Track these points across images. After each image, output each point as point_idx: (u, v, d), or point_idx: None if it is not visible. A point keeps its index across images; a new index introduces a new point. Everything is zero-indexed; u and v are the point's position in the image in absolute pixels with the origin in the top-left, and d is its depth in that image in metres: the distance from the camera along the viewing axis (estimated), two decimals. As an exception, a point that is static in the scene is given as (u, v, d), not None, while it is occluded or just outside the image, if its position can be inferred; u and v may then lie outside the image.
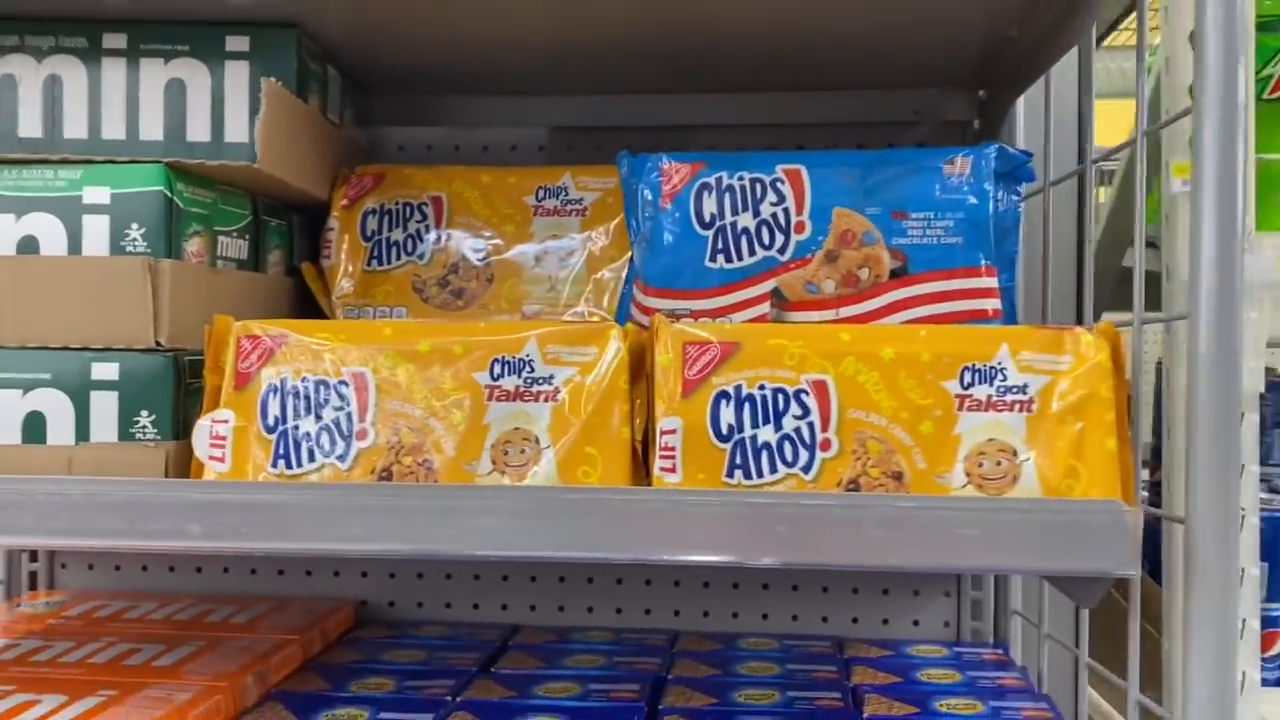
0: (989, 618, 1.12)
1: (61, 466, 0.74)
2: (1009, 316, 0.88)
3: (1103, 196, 1.79)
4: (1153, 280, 1.04)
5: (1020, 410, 0.70)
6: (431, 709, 0.88)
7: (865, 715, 0.87)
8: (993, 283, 0.86)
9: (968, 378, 0.70)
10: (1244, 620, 1.02)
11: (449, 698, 0.90)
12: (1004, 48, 0.97)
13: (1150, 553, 1.28)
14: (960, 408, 0.70)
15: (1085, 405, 0.69)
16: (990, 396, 0.70)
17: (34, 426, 0.75)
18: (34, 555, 1.20)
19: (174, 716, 0.80)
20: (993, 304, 0.86)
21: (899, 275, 0.86)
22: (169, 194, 0.77)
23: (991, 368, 0.70)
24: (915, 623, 1.14)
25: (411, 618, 1.18)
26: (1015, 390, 0.70)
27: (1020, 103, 1.04)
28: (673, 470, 0.71)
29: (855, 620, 1.14)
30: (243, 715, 0.87)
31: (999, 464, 0.69)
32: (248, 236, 0.89)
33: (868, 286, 0.87)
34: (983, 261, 0.86)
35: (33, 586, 1.20)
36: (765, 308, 0.86)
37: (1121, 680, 0.80)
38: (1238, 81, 0.65)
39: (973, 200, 0.87)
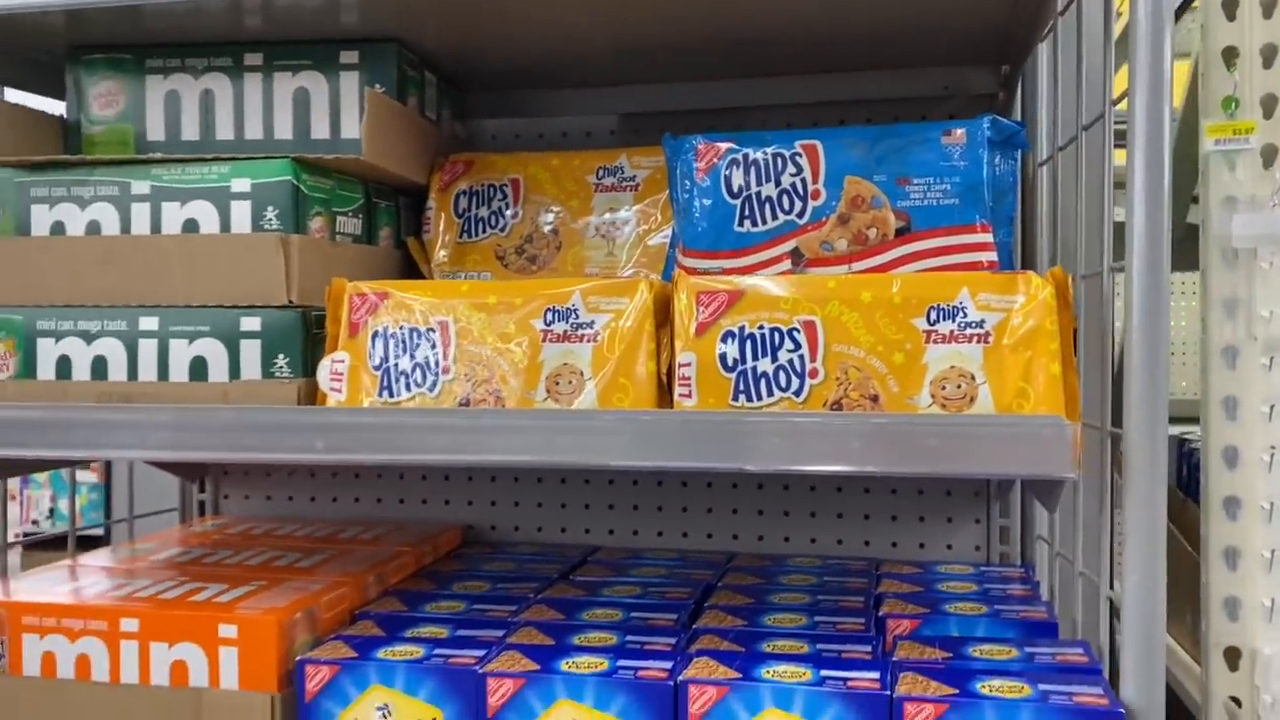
0: (1016, 543, 1.24)
1: (219, 398, 0.95)
2: (1005, 269, 1.00)
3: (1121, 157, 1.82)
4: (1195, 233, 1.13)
5: (978, 342, 0.83)
6: (516, 603, 1.06)
7: (881, 613, 1.01)
8: (988, 238, 0.99)
9: (933, 316, 0.84)
10: (1273, 551, 1.11)
11: (531, 595, 1.09)
12: (1022, 26, 1.08)
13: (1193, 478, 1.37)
14: (927, 341, 0.84)
15: (1034, 337, 0.82)
16: (953, 331, 0.83)
17: (198, 368, 0.96)
18: (202, 486, 1.44)
19: (310, 600, 1.00)
20: (988, 257, 0.99)
21: (903, 234, 1.00)
22: (296, 183, 0.97)
23: (954, 307, 0.83)
24: (949, 546, 1.27)
25: (508, 539, 1.38)
26: (974, 325, 0.83)
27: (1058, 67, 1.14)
28: (689, 396, 0.87)
29: (894, 545, 1.28)
30: (365, 605, 1.07)
31: (959, 387, 0.83)
32: (361, 216, 1.09)
33: (876, 244, 1.00)
34: (978, 220, 0.99)
35: (201, 513, 1.45)
36: (786, 265, 1.01)
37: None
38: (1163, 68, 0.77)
39: (969, 166, 0.99)
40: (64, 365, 0.98)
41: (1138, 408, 0.78)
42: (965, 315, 0.83)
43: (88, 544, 1.41)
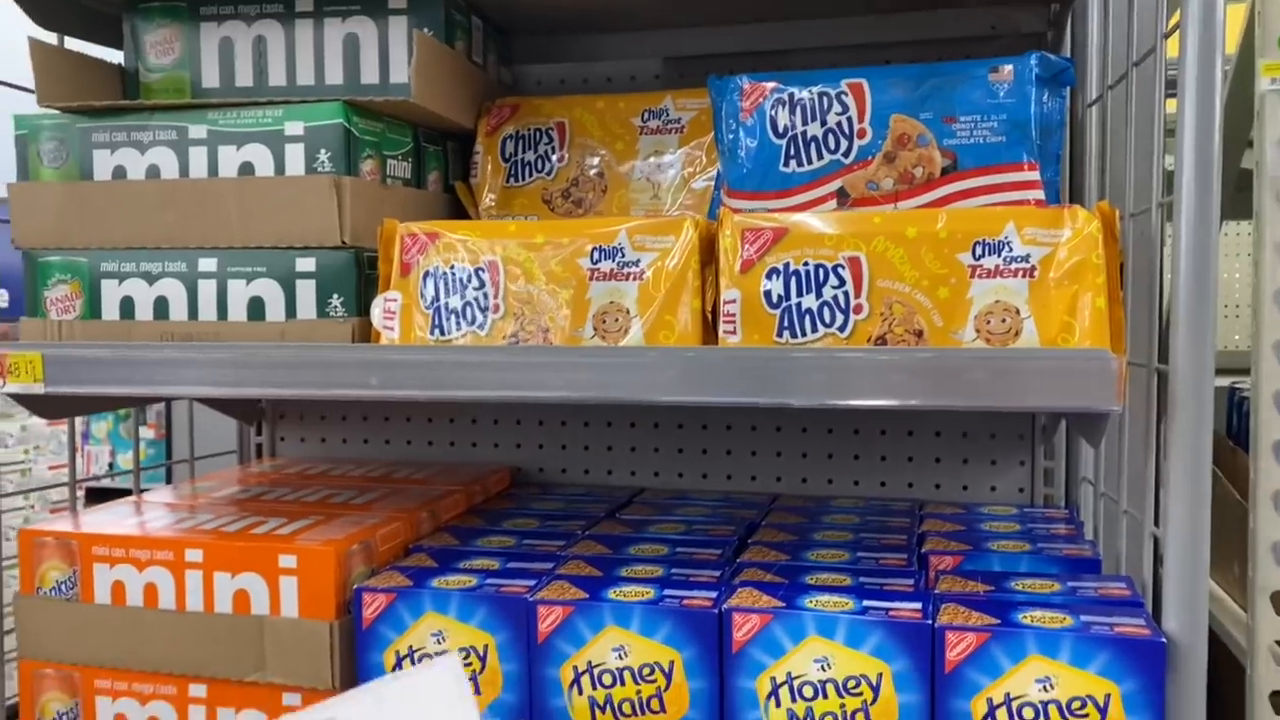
0: (1061, 485, 1.25)
1: (276, 337, 0.98)
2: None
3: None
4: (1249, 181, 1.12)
5: (1023, 276, 0.83)
6: (564, 539, 1.09)
7: (923, 550, 1.03)
8: (1035, 176, 0.98)
9: (979, 250, 0.84)
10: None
11: (579, 532, 1.11)
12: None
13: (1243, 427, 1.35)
14: (972, 276, 0.84)
15: (1080, 271, 0.82)
16: (998, 265, 0.83)
17: (255, 307, 0.99)
18: (259, 430, 1.48)
19: (365, 533, 1.03)
20: (1035, 195, 0.98)
21: (949, 172, 0.99)
22: (347, 125, 0.99)
23: (999, 242, 0.84)
24: (992, 488, 1.27)
25: (556, 481, 1.40)
26: (1019, 260, 0.83)
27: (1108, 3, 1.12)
28: (734, 333, 0.88)
29: (938, 486, 1.29)
30: (419, 539, 1.10)
31: (1004, 321, 0.83)
32: (410, 160, 1.11)
33: (921, 183, 1.00)
34: (1025, 158, 0.98)
35: (258, 455, 1.49)
36: (832, 205, 1.01)
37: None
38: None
39: (1016, 103, 0.98)
40: (127, 306, 1.02)
41: (1184, 341, 0.78)
42: (1011, 250, 0.83)
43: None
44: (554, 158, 1.15)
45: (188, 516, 1.09)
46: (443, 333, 0.94)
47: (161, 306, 1.01)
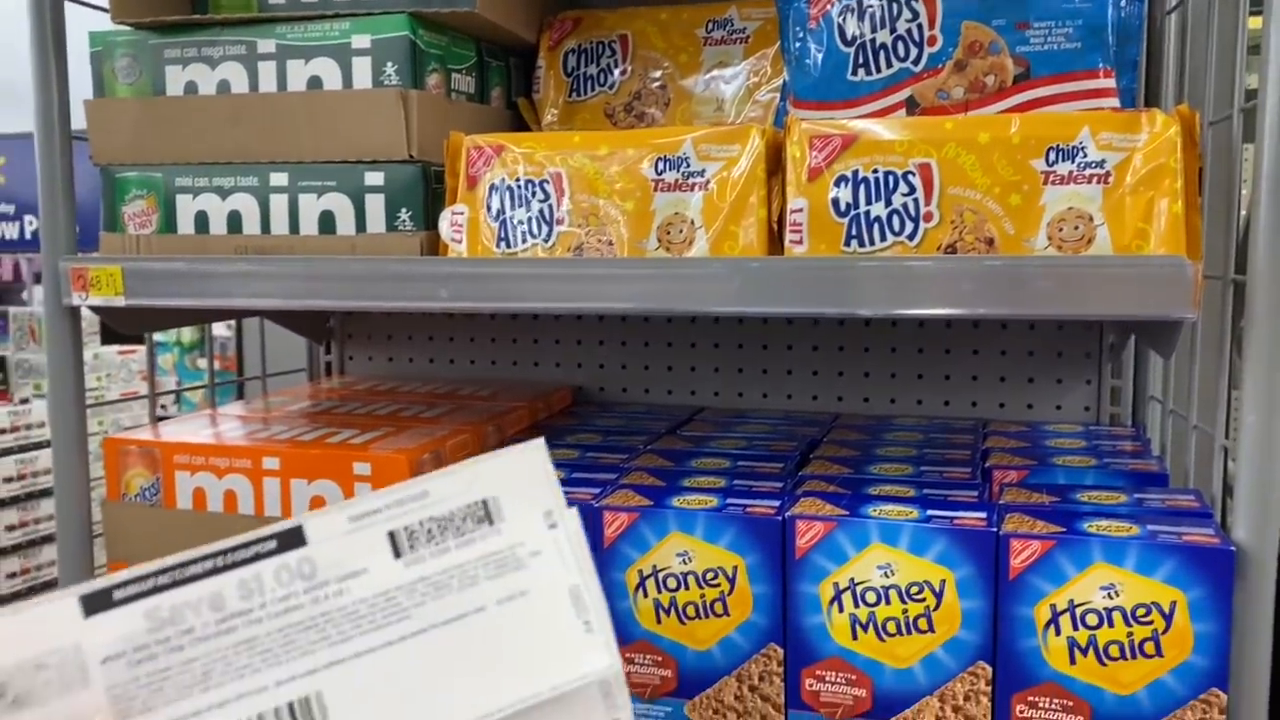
0: (1128, 404, 1.23)
1: (347, 250, 0.99)
2: (1128, 115, 0.97)
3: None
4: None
5: (1097, 182, 0.81)
6: (627, 452, 1.10)
7: (987, 465, 1.03)
8: (1111, 84, 0.96)
9: (1052, 156, 0.82)
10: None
11: (641, 446, 1.13)
12: None
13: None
14: (1045, 182, 0.82)
15: (1156, 176, 0.80)
16: (1072, 171, 0.82)
17: (326, 221, 1.01)
18: (327, 348, 1.51)
19: (434, 444, 1.06)
20: (1111, 103, 0.96)
21: (1021, 80, 0.97)
22: (413, 38, 0.99)
23: (1073, 147, 0.82)
24: (1058, 408, 1.26)
25: (617, 399, 1.42)
26: (1094, 165, 0.81)
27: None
28: (800, 243, 0.88)
29: (1002, 406, 1.28)
30: (483, 453, 1.12)
31: (1077, 229, 0.82)
32: (474, 75, 1.11)
33: (993, 92, 0.98)
34: (1101, 64, 0.96)
35: (328, 373, 1.52)
36: (901, 115, 1.00)
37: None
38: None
39: (1092, 8, 0.96)
40: (201, 220, 1.04)
41: (1264, 250, 0.76)
42: (1085, 155, 0.82)
43: (224, 402, 1.50)
44: (616, 71, 1.15)
45: (262, 428, 1.13)
46: (508, 245, 0.95)
47: (235, 221, 1.03)
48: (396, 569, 0.41)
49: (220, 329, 3.14)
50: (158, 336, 3.61)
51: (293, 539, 0.41)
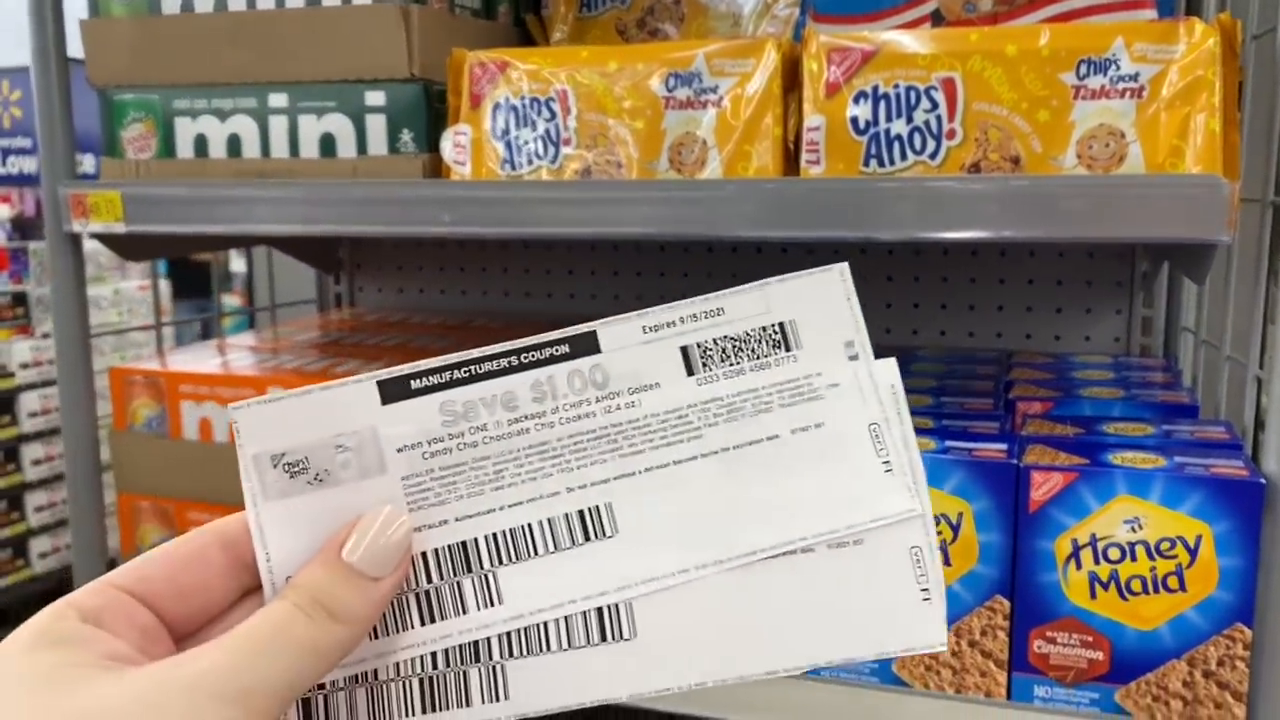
0: (1159, 335, 1.19)
1: (348, 173, 0.96)
2: (1166, 27, 0.92)
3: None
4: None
5: (1130, 97, 0.77)
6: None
7: (1011, 396, 0.99)
8: (1148, -6, 0.91)
9: (1083, 70, 0.78)
10: None
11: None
12: None
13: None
14: (1075, 97, 0.78)
15: (1193, 91, 0.76)
16: (1104, 85, 0.77)
17: (327, 143, 0.98)
18: (337, 279, 1.49)
19: (441, 374, 1.04)
20: (1148, 15, 0.91)
21: (1053, -9, 0.92)
22: (414, -48, 0.95)
23: (1106, 60, 0.77)
24: (1086, 338, 1.22)
25: (632, 330, 1.39)
26: (1127, 79, 0.77)
27: None
28: (817, 162, 0.84)
29: (1028, 336, 1.24)
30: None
31: (1107, 146, 0.78)
32: (480, -9, 1.07)
33: (1023, 4, 0.93)
34: (1139, -27, 0.90)
35: (338, 305, 1.50)
36: (927, 29, 0.95)
37: (1240, 357, 0.87)
38: None
39: (1131, -88, 0.90)
40: (200, 144, 1.01)
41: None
42: (1118, 68, 0.77)
43: (236, 334, 1.48)
44: (629, -14, 1.10)
45: (270, 358, 1.11)
46: (513, 167, 0.92)
47: (234, 144, 1.00)
48: (689, 386, 0.39)
49: (239, 264, 3.13)
50: (164, 269, 3.59)
51: (586, 344, 0.39)
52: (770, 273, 0.41)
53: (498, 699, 0.38)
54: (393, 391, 0.38)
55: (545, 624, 0.39)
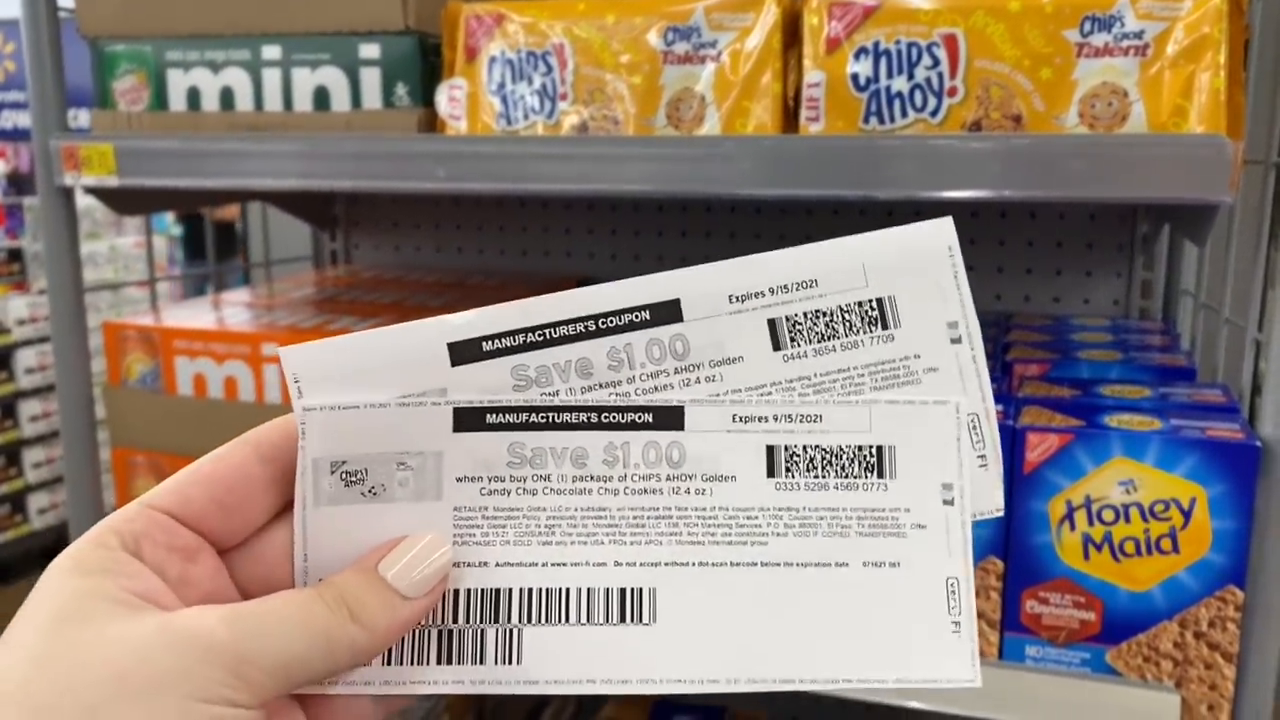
0: (1159, 298, 1.19)
1: (342, 127, 0.95)
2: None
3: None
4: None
5: (1134, 55, 0.76)
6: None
7: (1008, 358, 0.99)
8: (1156, -50, 0.89)
9: (1087, 27, 0.77)
10: None
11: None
12: None
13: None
14: (1079, 55, 0.77)
15: (1198, 48, 0.75)
16: (1107, 43, 0.76)
17: (321, 96, 0.96)
18: (333, 236, 1.48)
19: (437, 331, 1.03)
20: (1154, -29, 0.89)
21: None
22: (409, -100, 0.93)
23: (1111, 16, 0.76)
24: (1085, 301, 1.22)
25: (630, 290, 1.38)
26: (1132, 36, 0.76)
27: None
28: (817, 119, 0.83)
29: (1027, 299, 1.24)
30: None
31: (1110, 105, 0.77)
32: (477, -57, 1.05)
33: (1027, -41, 0.92)
34: (1146, -72, 0.89)
35: (333, 262, 1.49)
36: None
37: (1239, 320, 0.87)
38: None
39: None
40: (193, 97, 1.00)
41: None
42: (1123, 25, 0.76)
43: (231, 290, 1.47)
44: (628, -60, 1.08)
45: (264, 314, 1.10)
46: (509, 122, 0.91)
47: (227, 97, 0.99)
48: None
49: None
50: (176, 231, 3.58)
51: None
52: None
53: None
54: (467, 421, 0.37)
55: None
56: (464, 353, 0.37)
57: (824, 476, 0.37)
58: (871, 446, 0.37)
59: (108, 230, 3.26)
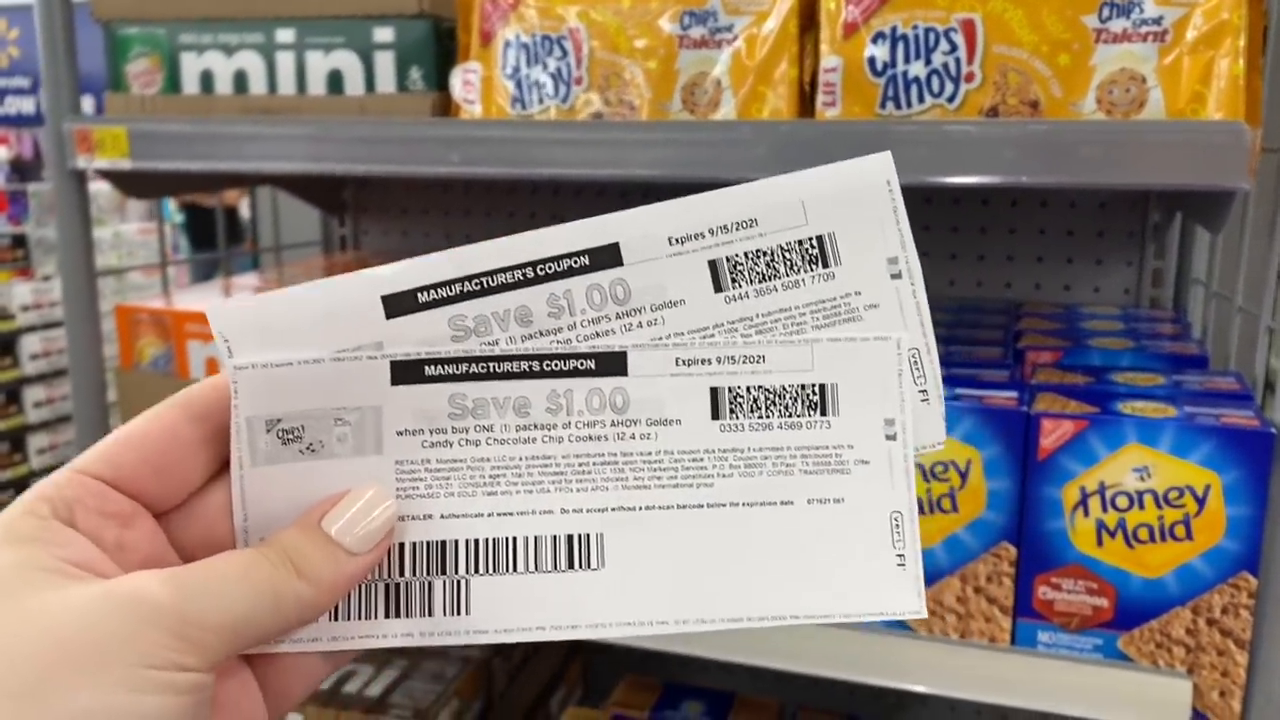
0: (1170, 286, 1.19)
1: (355, 111, 0.95)
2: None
3: None
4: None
5: (1153, 41, 0.76)
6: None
7: (1020, 345, 0.99)
8: (1173, -64, 0.89)
9: (1106, 12, 0.76)
10: None
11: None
12: None
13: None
14: (1097, 40, 0.77)
15: (1217, 34, 0.74)
16: (1126, 29, 0.76)
17: (335, 80, 0.96)
18: (342, 221, 1.48)
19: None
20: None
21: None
22: (424, -116, 0.93)
23: (1130, 2, 0.76)
24: (1096, 290, 1.22)
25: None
26: (1150, 22, 0.76)
27: None
28: (833, 104, 0.83)
29: (1038, 287, 1.24)
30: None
31: (1128, 91, 0.77)
32: (490, -73, 1.05)
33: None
34: (1164, -85, 0.88)
35: (342, 247, 1.49)
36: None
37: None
38: None
39: None
40: (206, 80, 1.00)
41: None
42: (1142, 11, 0.76)
43: (240, 276, 1.47)
44: (642, -75, 1.08)
45: (275, 298, 1.10)
46: (524, 107, 0.91)
47: (241, 80, 0.99)
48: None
49: (243, 210, 3.11)
50: (179, 219, 3.57)
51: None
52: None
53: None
54: (406, 374, 0.36)
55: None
56: (399, 305, 0.36)
57: (768, 416, 0.37)
58: (814, 385, 0.37)
59: (112, 216, 3.26)
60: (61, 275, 1.06)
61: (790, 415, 0.37)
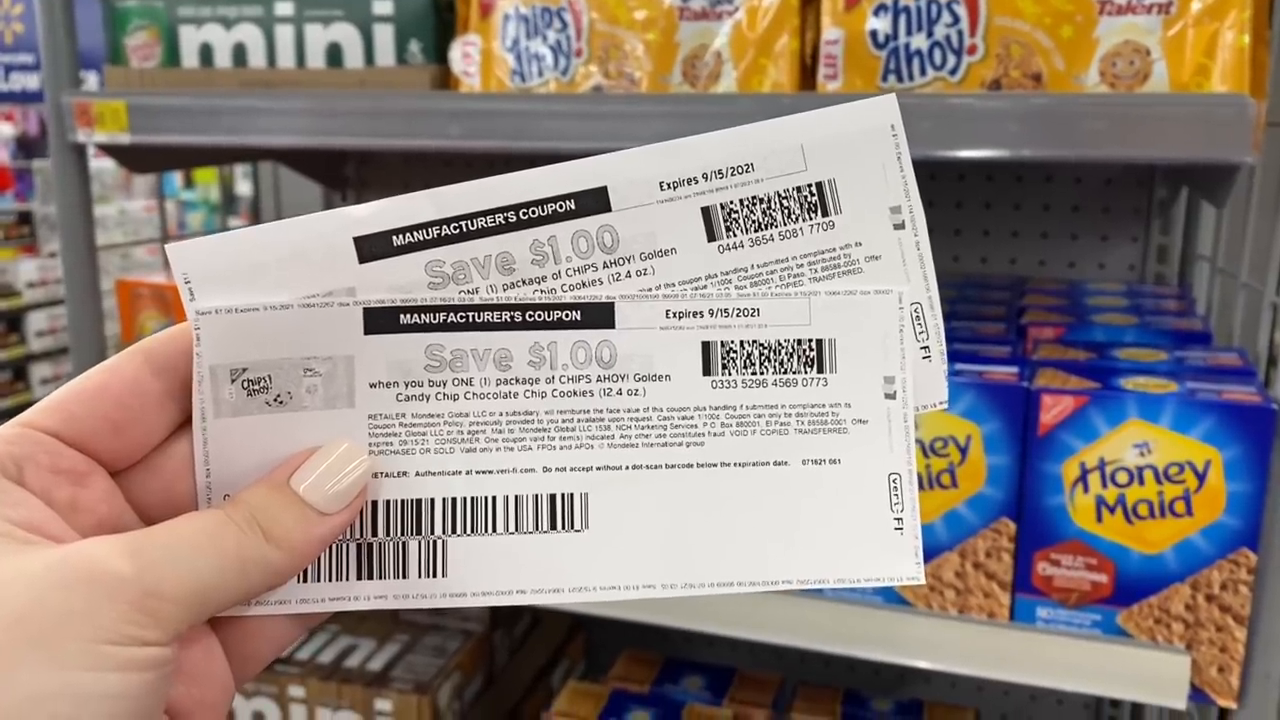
0: (1175, 263, 1.18)
1: (356, 84, 0.95)
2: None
3: None
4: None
5: (1157, 12, 0.75)
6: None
7: (1023, 321, 0.99)
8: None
9: (1111, -17, 0.76)
10: None
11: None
12: None
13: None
14: (1101, 12, 0.76)
15: (1222, 5, 0.74)
16: (1130, 1, 0.75)
17: (334, 53, 0.96)
18: (344, 196, 1.47)
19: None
20: (1178, -71, 0.88)
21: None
22: None
23: (1135, -28, 0.75)
24: (1101, 266, 1.21)
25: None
26: (1156, -7, 0.75)
27: None
28: (834, 77, 0.82)
29: (1042, 263, 1.23)
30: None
31: (1131, 64, 0.76)
32: (491, -102, 1.04)
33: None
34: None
35: (346, 223, 1.49)
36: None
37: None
38: None
39: None
40: (206, 53, 0.99)
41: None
42: (1147, -19, 0.75)
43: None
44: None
45: (276, 273, 1.10)
46: (524, 79, 0.90)
47: (240, 53, 0.98)
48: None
49: (244, 187, 3.11)
50: (186, 196, 3.57)
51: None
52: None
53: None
54: (380, 322, 0.34)
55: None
56: (372, 248, 0.34)
57: (762, 373, 0.36)
58: (811, 340, 0.36)
59: (116, 194, 3.26)
60: (62, 250, 1.06)
61: (785, 372, 0.36)
